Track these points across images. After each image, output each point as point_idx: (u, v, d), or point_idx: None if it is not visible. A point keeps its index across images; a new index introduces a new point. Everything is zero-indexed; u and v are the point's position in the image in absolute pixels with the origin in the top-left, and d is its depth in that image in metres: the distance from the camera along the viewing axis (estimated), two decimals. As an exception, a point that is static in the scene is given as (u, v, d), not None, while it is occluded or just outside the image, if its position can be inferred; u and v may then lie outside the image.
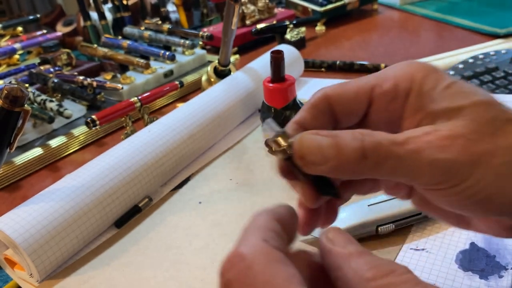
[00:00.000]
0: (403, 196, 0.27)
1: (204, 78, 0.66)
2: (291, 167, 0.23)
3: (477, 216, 0.24)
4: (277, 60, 0.50)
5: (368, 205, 0.37)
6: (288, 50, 0.65)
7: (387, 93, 0.24)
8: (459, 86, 0.23)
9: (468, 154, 0.21)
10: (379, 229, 0.35)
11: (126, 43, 0.80)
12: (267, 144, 0.23)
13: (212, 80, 0.64)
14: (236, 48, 0.89)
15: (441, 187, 0.22)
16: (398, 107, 0.24)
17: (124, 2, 0.90)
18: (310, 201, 0.24)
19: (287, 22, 0.85)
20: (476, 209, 0.22)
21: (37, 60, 0.84)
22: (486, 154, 0.21)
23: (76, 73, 0.71)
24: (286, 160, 0.23)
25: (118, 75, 0.74)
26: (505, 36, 0.76)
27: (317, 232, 0.36)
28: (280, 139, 0.23)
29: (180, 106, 0.54)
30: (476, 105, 0.22)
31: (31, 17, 0.95)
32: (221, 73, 0.65)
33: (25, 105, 0.37)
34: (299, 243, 0.37)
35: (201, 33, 0.80)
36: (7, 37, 0.91)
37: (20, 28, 0.93)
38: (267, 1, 0.96)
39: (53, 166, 0.58)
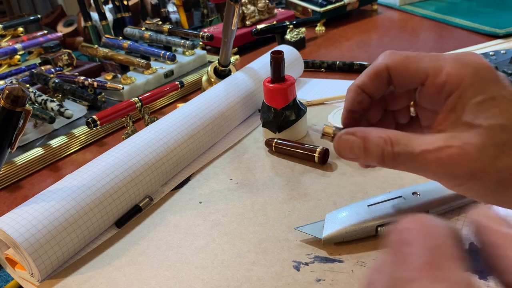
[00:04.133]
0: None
1: (204, 78, 0.67)
2: None
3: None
4: (277, 61, 0.50)
5: (368, 205, 0.37)
6: (288, 51, 0.65)
7: (435, 86, 0.28)
8: (489, 104, 0.26)
9: (467, 170, 0.25)
10: (379, 229, 0.35)
11: (126, 43, 0.80)
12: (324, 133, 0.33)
13: (212, 80, 0.64)
14: (236, 49, 0.89)
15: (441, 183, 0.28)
16: (440, 100, 0.28)
17: (125, 3, 0.91)
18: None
19: (287, 23, 0.85)
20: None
21: (38, 61, 0.84)
22: (482, 172, 0.25)
23: (76, 74, 0.71)
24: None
25: (119, 76, 0.74)
26: (505, 36, 0.76)
27: (317, 232, 0.36)
28: (326, 129, 0.32)
29: (181, 106, 0.55)
30: (492, 128, 0.25)
31: (32, 18, 0.95)
32: (221, 73, 0.65)
33: (26, 105, 0.37)
34: (300, 243, 0.37)
35: (201, 33, 0.81)
36: (8, 38, 0.91)
37: (21, 29, 0.93)
38: (267, 1, 0.96)
39: (54, 166, 0.58)
